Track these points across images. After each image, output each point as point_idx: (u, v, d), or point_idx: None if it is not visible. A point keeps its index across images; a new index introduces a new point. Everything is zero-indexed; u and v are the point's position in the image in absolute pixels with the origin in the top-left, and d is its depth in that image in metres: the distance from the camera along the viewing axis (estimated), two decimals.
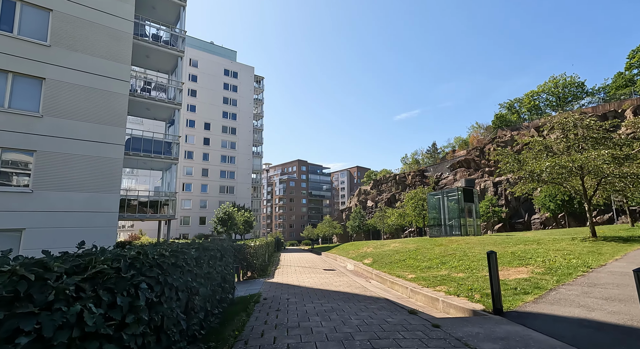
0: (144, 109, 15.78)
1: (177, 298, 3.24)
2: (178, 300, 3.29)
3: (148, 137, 14.61)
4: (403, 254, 15.90)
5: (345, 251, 24.68)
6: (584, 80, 46.52)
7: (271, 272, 13.34)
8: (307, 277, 11.57)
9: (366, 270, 14.01)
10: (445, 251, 14.16)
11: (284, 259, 21.33)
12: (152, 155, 14.34)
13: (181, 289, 3.33)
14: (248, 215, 31.49)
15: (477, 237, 17.26)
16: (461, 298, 6.82)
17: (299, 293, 8.20)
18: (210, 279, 4.88)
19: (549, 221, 38.55)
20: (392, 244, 20.26)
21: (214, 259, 5.20)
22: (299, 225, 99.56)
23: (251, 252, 11.44)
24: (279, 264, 17.93)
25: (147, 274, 2.69)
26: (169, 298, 2.97)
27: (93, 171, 12.17)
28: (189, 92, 54.74)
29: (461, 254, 12.83)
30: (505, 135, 53.22)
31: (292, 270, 14.00)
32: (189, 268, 3.76)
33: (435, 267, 11.41)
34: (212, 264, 5.06)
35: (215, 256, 5.38)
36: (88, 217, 11.90)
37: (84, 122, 12.09)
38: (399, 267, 12.98)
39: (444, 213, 20.18)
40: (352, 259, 18.90)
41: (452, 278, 9.13)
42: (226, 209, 23.36)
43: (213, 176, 55.63)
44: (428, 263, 12.48)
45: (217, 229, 23.59)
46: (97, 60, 12.57)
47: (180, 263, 3.47)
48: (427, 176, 60.13)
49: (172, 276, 3.14)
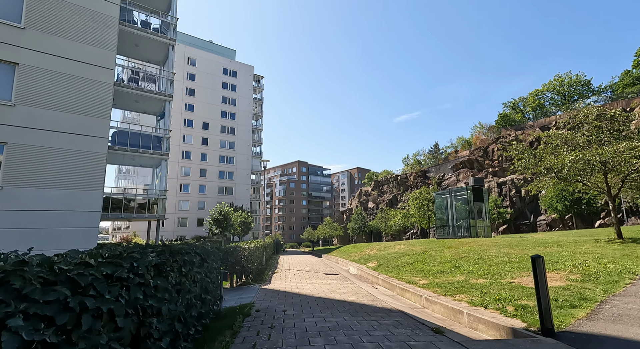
0: (132, 101, 14.72)
1: (112, 328, 2.15)
2: (116, 331, 2.20)
3: (136, 130, 13.54)
4: (410, 257, 14.82)
5: (347, 254, 23.58)
6: (590, 79, 45.51)
7: (268, 277, 12.24)
8: (307, 283, 10.48)
9: (371, 274, 12.91)
10: (457, 254, 13.08)
11: (282, 262, 20.22)
12: (140, 150, 13.26)
13: (120, 313, 2.22)
14: (245, 216, 30.25)
15: (488, 239, 16.16)
16: (490, 310, 5.73)
17: (297, 302, 7.10)
18: (183, 292, 3.79)
19: (556, 222, 37.55)
20: (396, 247, 19.18)
21: (189, 266, 4.11)
22: (299, 227, 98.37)
23: (245, 256, 10.35)
24: (277, 267, 16.82)
25: (38, 298, 1.60)
26: (86, 332, 1.87)
27: (72, 166, 11.09)
28: (187, 92, 53.77)
29: (475, 257, 11.74)
30: (510, 135, 52.23)
31: (290, 274, 12.91)
32: (140, 280, 2.67)
33: (449, 272, 10.32)
34: (185, 272, 3.97)
35: (192, 262, 4.28)
36: (66, 216, 10.80)
37: (62, 113, 11.03)
38: (407, 271, 11.89)
39: (452, 213, 19.09)
40: (355, 263, 17.80)
41: (472, 284, 8.04)
42: (222, 209, 22.25)
43: (211, 177, 54.54)
44: (439, 266, 11.39)
45: (212, 230, 22.48)
46: (78, 45, 11.52)
47: (123, 274, 2.37)
48: (429, 176, 59.10)
49: (102, 295, 2.06)
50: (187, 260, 4.06)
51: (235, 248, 10.00)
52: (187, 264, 4.09)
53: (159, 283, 3.02)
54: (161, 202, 13.68)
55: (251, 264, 10.78)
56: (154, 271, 3.03)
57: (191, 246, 4.52)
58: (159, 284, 3.03)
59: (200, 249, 4.80)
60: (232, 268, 9.94)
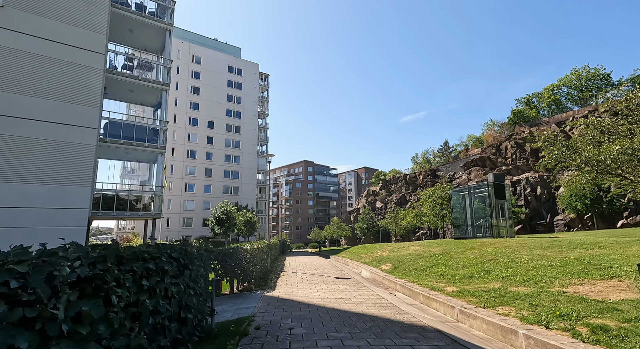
0: (126, 91, 13.70)
1: None
2: None
3: (129, 122, 12.48)
4: (428, 259, 13.52)
5: (357, 255, 22.31)
6: (610, 72, 43.42)
7: (273, 281, 11.05)
8: (316, 288, 9.28)
9: (387, 278, 11.65)
10: (482, 256, 11.75)
11: (289, 264, 19.04)
12: (134, 143, 12.18)
13: None
14: (250, 215, 29.06)
15: (514, 240, 14.77)
16: (555, 331, 4.45)
17: (306, 315, 5.89)
18: (144, 315, 2.60)
19: (574, 222, 35.86)
20: (411, 248, 17.87)
21: (156, 277, 2.92)
22: (306, 227, 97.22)
23: (247, 258, 9.18)
24: (283, 270, 15.64)
25: None
26: None
27: (57, 159, 10.06)
28: (192, 90, 53.04)
29: (505, 260, 10.41)
30: (524, 131, 50.50)
31: (298, 278, 11.71)
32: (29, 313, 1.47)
33: (479, 277, 9.01)
34: (151, 285, 2.78)
35: (162, 270, 3.09)
36: (50, 214, 9.77)
37: (46, 100, 10.00)
38: (428, 276, 10.60)
39: (470, 212, 17.69)
40: (366, 265, 16.54)
41: (513, 293, 6.75)
42: (224, 208, 21.04)
43: (216, 176, 53.72)
44: (465, 271, 10.08)
45: (214, 230, 21.27)
46: (64, 26, 10.49)
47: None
48: (439, 175, 57.55)
49: None
50: (152, 269, 2.86)
51: (235, 250, 8.86)
52: (153, 275, 2.89)
53: (83, 309, 1.83)
54: (157, 200, 12.60)
55: (253, 267, 9.59)
56: (74, 292, 1.84)
57: (164, 248, 3.34)
58: (84, 312, 1.83)
59: (179, 252, 3.61)
60: (232, 272, 8.79)
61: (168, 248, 3.48)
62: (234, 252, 8.82)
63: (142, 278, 2.70)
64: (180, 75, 52.17)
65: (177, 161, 50.29)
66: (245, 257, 9.26)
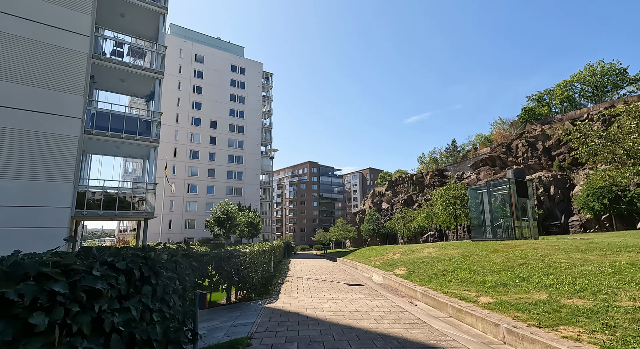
0: (116, 80, 12.62)
1: None
2: None
3: (119, 112, 11.34)
4: (447, 263, 12.24)
5: (366, 258, 21.04)
6: (627, 67, 41.70)
7: (276, 288, 9.83)
8: (326, 298, 8.06)
9: (403, 284, 10.38)
10: (510, 260, 10.46)
11: (293, 268, 17.81)
12: (124, 136, 11.04)
13: None
14: (253, 216, 27.78)
15: (542, 242, 13.42)
16: None
17: (317, 338, 4.66)
18: None
19: (591, 223, 34.30)
20: (425, 250, 16.58)
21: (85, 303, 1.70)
22: (310, 229, 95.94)
23: (246, 262, 7.96)
24: (288, 274, 14.43)
25: None
26: None
27: (34, 151, 8.96)
28: (194, 89, 52.18)
29: (540, 264, 9.11)
30: (535, 129, 48.95)
31: (304, 285, 10.49)
32: None
33: (514, 285, 7.73)
34: (57, 320, 1.55)
35: (93, 292, 1.87)
36: (26, 213, 8.66)
37: (21, 85, 8.92)
38: (452, 282, 9.33)
39: (489, 211, 16.35)
40: (378, 269, 15.29)
41: (571, 308, 5.47)
42: (225, 208, 19.72)
43: (220, 177, 52.71)
44: (495, 277, 8.80)
45: (213, 232, 19.91)
46: (44, 4, 9.42)
47: None
48: (447, 175, 56.12)
49: None
50: (60, 292, 1.65)
51: (232, 253, 7.68)
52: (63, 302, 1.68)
53: None
54: (149, 198, 11.45)
55: (254, 273, 8.39)
56: None
57: (101, 255, 2.16)
58: None
59: (132, 260, 2.40)
60: (228, 279, 7.61)
61: (112, 254, 2.28)
62: (231, 256, 7.63)
63: (33, 309, 1.50)
64: (183, 75, 51.36)
65: (179, 161, 49.39)
66: (244, 262, 8.07)
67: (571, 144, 13.47)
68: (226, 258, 7.53)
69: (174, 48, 50.97)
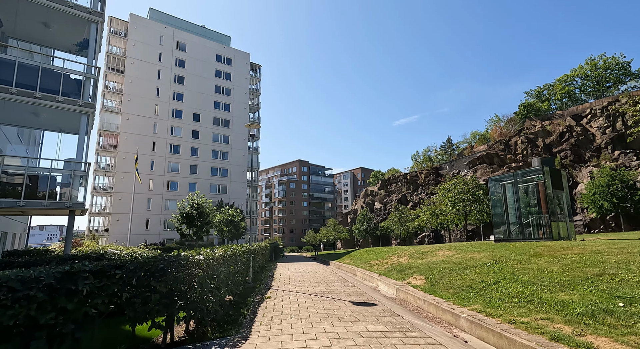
0: (38, 24, 9.28)
1: None
2: None
3: (31, 64, 8.03)
4: (478, 270, 9.41)
5: (365, 262, 18.08)
6: (630, 60, 40.05)
7: (250, 312, 6.72)
8: (328, 332, 5.03)
9: (429, 302, 7.43)
10: (573, 268, 7.68)
11: (280, 276, 14.70)
12: (38, 94, 7.75)
13: None
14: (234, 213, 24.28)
15: (594, 243, 10.70)
16: None
17: None
18: None
19: (595, 223, 32.37)
20: (438, 253, 13.75)
21: None
22: (300, 230, 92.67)
23: (199, 277, 4.88)
24: (271, 285, 11.32)
25: None
26: None
27: None
28: (176, 79, 48.46)
29: (629, 275, 6.32)
30: (535, 125, 47.02)
31: (292, 305, 7.44)
32: None
33: (621, 311, 4.87)
34: None
35: None
36: None
37: None
38: (504, 301, 6.44)
39: (516, 207, 13.63)
40: (384, 276, 12.34)
41: None
42: (195, 201, 16.24)
43: (203, 174, 49.10)
44: (573, 295, 5.97)
45: (180, 231, 16.31)
46: None
47: None
48: (443, 174, 53.90)
49: None
50: None
51: (172, 262, 4.63)
52: None
53: None
54: (78, 184, 8.20)
55: (213, 292, 5.26)
56: None
57: None
58: None
59: None
60: (162, 305, 4.52)
61: None
62: (169, 266, 4.56)
63: None
64: (163, 63, 47.62)
65: (158, 156, 45.59)
66: (196, 276, 5.02)
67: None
68: (160, 271, 4.44)
69: (153, 34, 47.21)
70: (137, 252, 8.25)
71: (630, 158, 33.46)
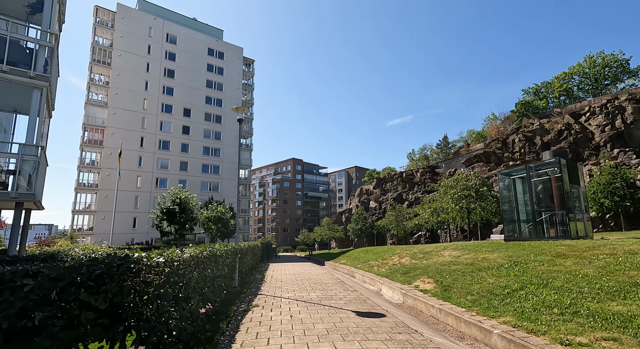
0: None
1: None
2: None
3: None
4: (496, 272, 8.28)
5: (363, 262, 16.89)
6: (629, 58, 39.54)
7: (231, 325, 5.45)
8: None
9: (445, 311, 6.26)
10: (610, 271, 6.60)
11: (271, 278, 13.42)
12: None
13: None
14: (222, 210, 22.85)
15: (621, 242, 9.65)
16: None
17: None
18: None
19: (594, 222, 31.57)
20: (444, 252, 12.62)
21: None
22: (294, 229, 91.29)
23: (158, 285, 3.68)
24: (260, 290, 10.05)
25: None
26: None
27: None
28: (166, 73, 46.74)
29: None
30: (533, 123, 46.36)
31: (284, 315, 6.20)
32: None
33: None
34: None
35: None
36: None
37: None
38: (540, 312, 5.29)
39: (528, 203, 12.57)
40: (386, 279, 11.14)
41: None
42: (177, 195, 14.81)
43: (193, 171, 47.47)
44: (625, 305, 4.85)
45: (161, 228, 14.85)
46: None
47: None
48: (439, 172, 53.09)
49: None
50: None
51: (120, 265, 3.40)
52: None
53: None
54: (29, 171, 6.82)
55: (178, 307, 4.00)
56: None
57: None
58: None
59: None
60: (101, 327, 3.27)
61: None
62: (112, 271, 3.31)
63: None
64: (152, 56, 45.86)
65: (146, 152, 43.86)
66: (156, 285, 3.77)
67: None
68: (97, 278, 3.18)
69: (141, 25, 45.42)
70: (98, 252, 6.92)
71: (629, 156, 32.81)
